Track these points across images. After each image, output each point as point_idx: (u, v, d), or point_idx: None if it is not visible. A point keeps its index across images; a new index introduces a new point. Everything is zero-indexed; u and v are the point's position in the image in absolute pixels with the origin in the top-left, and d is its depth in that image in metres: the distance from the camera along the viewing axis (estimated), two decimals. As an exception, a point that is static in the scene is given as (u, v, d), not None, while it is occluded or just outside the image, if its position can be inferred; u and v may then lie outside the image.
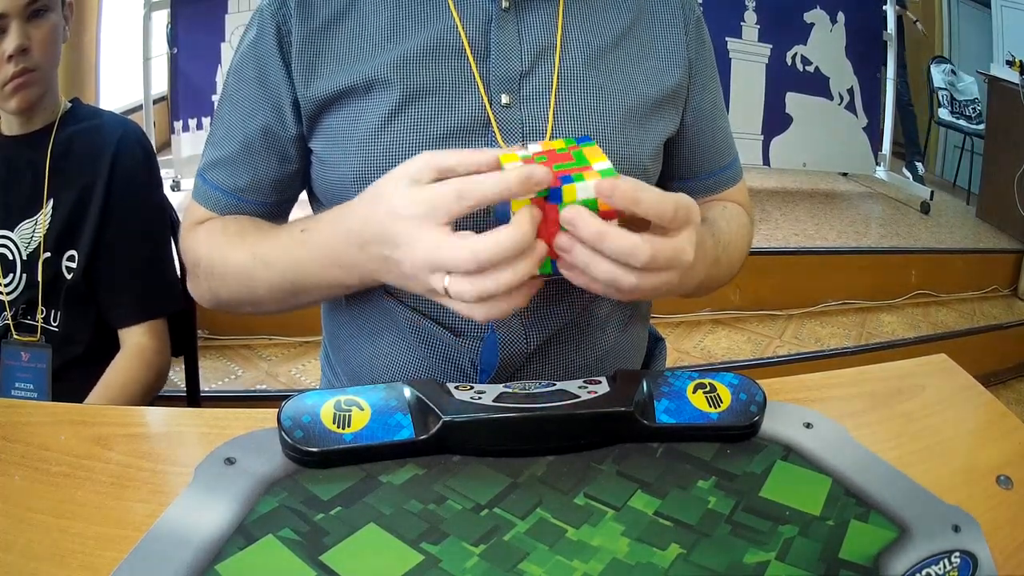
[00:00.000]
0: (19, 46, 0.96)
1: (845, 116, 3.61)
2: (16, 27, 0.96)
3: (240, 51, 0.75)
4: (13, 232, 1.04)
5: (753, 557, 0.51)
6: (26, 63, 0.98)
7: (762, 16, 3.37)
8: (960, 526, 0.54)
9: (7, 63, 0.97)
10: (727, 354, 2.51)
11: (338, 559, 0.48)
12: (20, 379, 1.04)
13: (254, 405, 1.21)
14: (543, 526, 0.53)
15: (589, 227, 0.53)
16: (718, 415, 0.61)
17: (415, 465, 0.57)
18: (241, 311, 0.78)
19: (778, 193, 3.74)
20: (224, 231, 0.75)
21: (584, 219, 0.54)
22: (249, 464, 0.55)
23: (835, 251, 3.01)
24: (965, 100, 4.26)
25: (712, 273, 0.76)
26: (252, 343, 2.26)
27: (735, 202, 0.88)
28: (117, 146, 1.05)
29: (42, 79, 1.01)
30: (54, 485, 0.53)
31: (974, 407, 0.71)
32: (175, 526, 0.50)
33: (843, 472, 0.59)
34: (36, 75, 1.00)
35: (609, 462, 0.59)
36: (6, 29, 0.96)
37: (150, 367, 1.06)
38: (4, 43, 0.96)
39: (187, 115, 2.84)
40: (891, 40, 3.66)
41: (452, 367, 0.75)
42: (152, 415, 0.64)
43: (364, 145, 0.71)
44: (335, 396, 0.59)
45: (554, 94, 0.73)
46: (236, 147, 0.76)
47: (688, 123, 0.81)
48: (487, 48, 0.72)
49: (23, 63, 0.97)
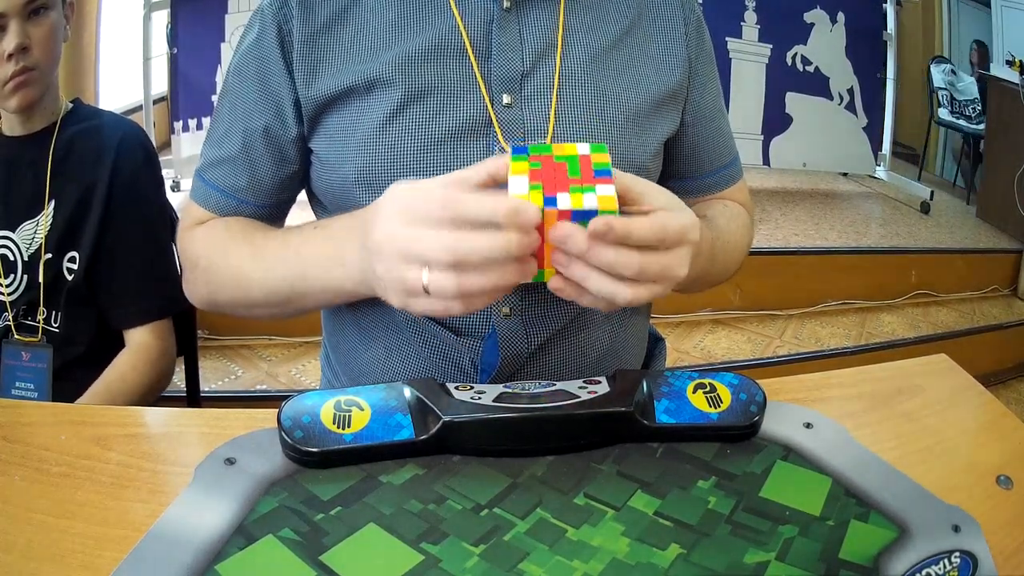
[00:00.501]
0: (19, 44, 0.96)
1: (845, 116, 3.61)
2: (16, 26, 0.96)
3: (241, 51, 0.75)
4: (14, 233, 1.04)
5: (753, 557, 0.51)
6: (26, 62, 0.98)
7: (762, 16, 3.37)
8: (960, 526, 0.54)
9: (7, 62, 0.97)
10: (727, 354, 2.51)
11: (338, 559, 0.48)
12: (20, 379, 1.04)
13: (254, 405, 1.21)
14: (543, 526, 0.53)
15: (578, 243, 0.53)
16: (718, 415, 0.61)
17: (415, 465, 0.57)
18: (236, 314, 0.77)
19: (778, 193, 3.74)
20: (227, 230, 0.75)
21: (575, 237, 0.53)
22: (249, 464, 0.55)
23: (835, 251, 3.01)
24: (965, 100, 4.26)
25: (708, 269, 0.76)
26: (252, 343, 2.26)
27: (735, 201, 0.88)
28: (118, 147, 1.05)
29: (42, 78, 1.01)
30: (54, 485, 0.53)
31: (974, 407, 0.71)
32: (175, 526, 0.50)
33: (843, 472, 0.59)
34: (36, 74, 1.00)
35: (609, 462, 0.59)
36: (5, 28, 0.96)
37: (153, 367, 1.06)
38: (3, 42, 0.96)
39: (187, 115, 2.84)
40: (891, 40, 3.66)
41: (452, 367, 0.76)
42: (152, 415, 0.64)
43: (365, 145, 0.71)
44: (335, 396, 0.59)
45: (555, 94, 0.73)
46: (236, 147, 0.75)
47: (688, 123, 0.81)
48: (489, 48, 0.72)
49: (23, 62, 0.97)
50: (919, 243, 3.27)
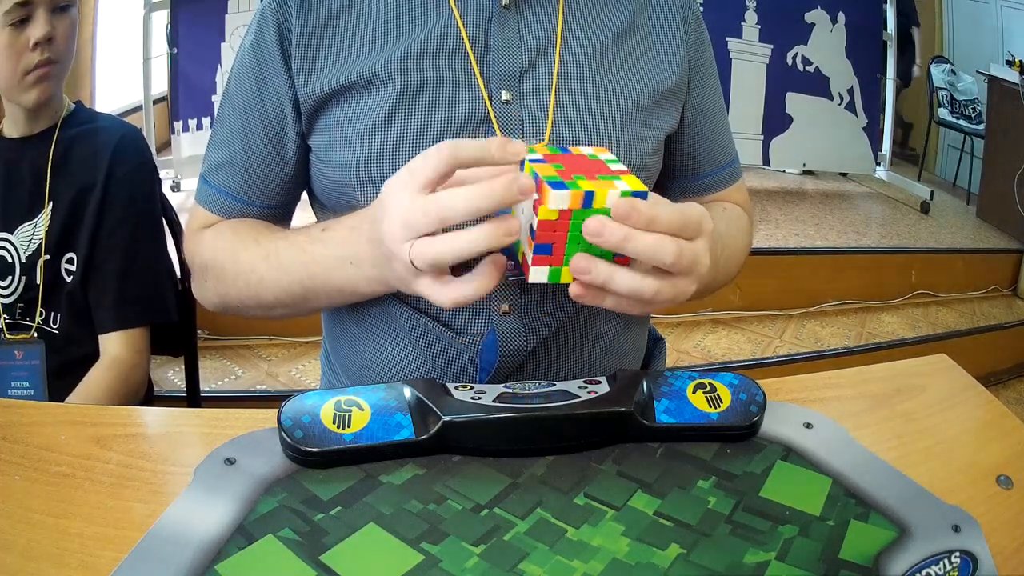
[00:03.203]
0: (47, 34, 0.96)
1: (845, 116, 3.61)
2: (42, 16, 0.96)
3: (241, 53, 0.75)
4: (12, 234, 1.04)
5: (753, 557, 0.51)
6: (51, 53, 0.98)
7: (762, 16, 3.37)
8: (960, 526, 0.54)
9: (31, 51, 0.97)
10: (727, 354, 2.51)
11: (338, 559, 0.48)
12: (16, 377, 1.04)
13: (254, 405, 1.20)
14: (543, 526, 0.53)
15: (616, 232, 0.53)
16: (718, 415, 0.61)
17: (415, 465, 0.57)
18: (248, 315, 0.77)
19: (778, 193, 3.74)
20: (235, 232, 0.75)
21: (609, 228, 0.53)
22: (249, 464, 0.55)
23: (835, 251, 3.01)
24: (965, 100, 4.26)
25: (712, 274, 0.75)
26: (252, 343, 2.26)
27: (734, 202, 0.88)
28: (115, 150, 1.05)
29: (61, 73, 1.02)
30: (54, 485, 0.53)
31: (974, 407, 0.71)
32: (175, 526, 0.50)
33: (843, 472, 0.59)
34: (57, 68, 1.00)
35: (609, 462, 0.59)
36: (31, 17, 0.96)
37: (124, 381, 1.04)
38: (29, 30, 0.96)
39: (187, 115, 2.84)
40: (891, 40, 3.66)
41: (452, 365, 0.76)
42: (152, 415, 0.64)
43: (364, 142, 0.71)
44: (335, 396, 0.59)
45: (554, 91, 0.73)
46: (238, 149, 0.76)
47: (687, 121, 0.81)
48: (487, 45, 0.72)
49: (48, 52, 0.98)
50: (919, 243, 3.27)
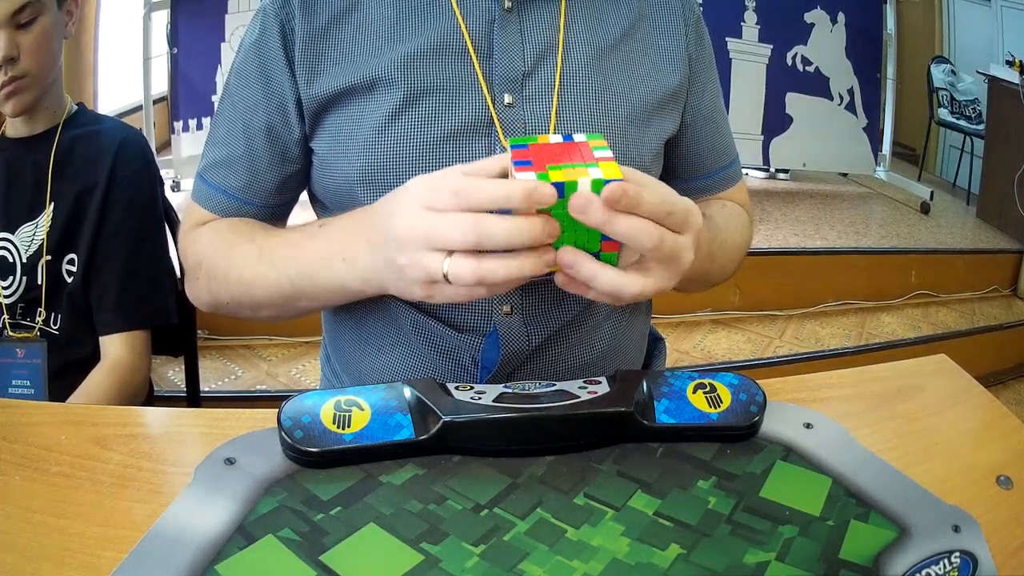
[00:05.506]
0: (5, 56, 0.96)
1: (845, 116, 3.61)
2: (3, 37, 0.95)
3: (242, 51, 0.75)
4: (14, 235, 1.04)
5: (753, 557, 0.51)
6: (14, 71, 0.98)
7: (762, 16, 3.37)
8: (960, 526, 0.54)
9: None
10: (727, 354, 2.51)
11: (338, 559, 0.48)
12: (17, 376, 1.04)
13: (254, 405, 1.21)
14: (543, 526, 0.53)
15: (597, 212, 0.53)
16: (718, 415, 0.61)
17: (415, 465, 0.57)
18: (240, 315, 0.77)
19: (778, 193, 3.74)
20: (230, 231, 0.75)
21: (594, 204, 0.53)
22: (249, 464, 0.55)
23: (835, 251, 3.01)
24: (965, 100, 4.26)
25: (708, 268, 0.76)
26: (252, 343, 2.26)
27: (734, 202, 0.88)
28: (117, 151, 1.05)
29: (34, 84, 1.01)
30: (54, 485, 0.53)
31: (974, 407, 0.71)
32: (175, 526, 0.50)
33: (843, 472, 0.59)
34: (26, 81, 0.99)
35: (609, 462, 0.59)
36: None
37: (124, 385, 1.03)
38: None
39: (187, 115, 2.84)
40: (891, 40, 3.66)
41: (453, 364, 0.76)
42: (152, 415, 0.64)
43: (366, 144, 0.71)
44: (335, 396, 0.59)
45: (556, 94, 0.73)
46: (237, 147, 0.75)
47: (688, 123, 0.81)
48: (490, 47, 0.72)
49: (11, 71, 0.97)
50: (919, 243, 3.27)
